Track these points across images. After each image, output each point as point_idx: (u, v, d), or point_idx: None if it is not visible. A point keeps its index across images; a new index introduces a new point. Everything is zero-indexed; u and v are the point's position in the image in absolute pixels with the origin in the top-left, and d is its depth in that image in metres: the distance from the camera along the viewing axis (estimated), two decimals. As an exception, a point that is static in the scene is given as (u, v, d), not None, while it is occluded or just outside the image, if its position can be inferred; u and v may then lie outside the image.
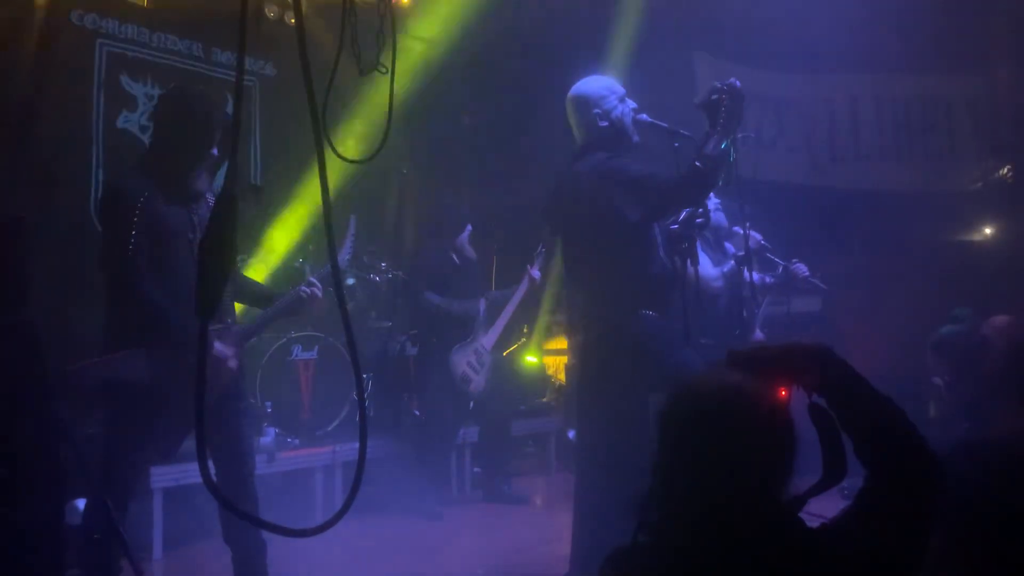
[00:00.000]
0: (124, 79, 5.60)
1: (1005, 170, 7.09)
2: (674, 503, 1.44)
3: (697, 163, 3.19)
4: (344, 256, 3.68)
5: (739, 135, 3.50)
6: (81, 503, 3.34)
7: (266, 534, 3.19)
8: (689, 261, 3.47)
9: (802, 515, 1.45)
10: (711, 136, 3.23)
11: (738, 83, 3.29)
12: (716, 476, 1.39)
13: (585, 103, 3.49)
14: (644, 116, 3.49)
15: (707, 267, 4.31)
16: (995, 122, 7.14)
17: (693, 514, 1.41)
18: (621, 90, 3.53)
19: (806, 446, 1.44)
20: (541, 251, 5.37)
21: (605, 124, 3.46)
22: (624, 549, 1.48)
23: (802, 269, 5.02)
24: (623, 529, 1.49)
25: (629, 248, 3.34)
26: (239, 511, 2.42)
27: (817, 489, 1.46)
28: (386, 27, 1.50)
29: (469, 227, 5.45)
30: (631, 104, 3.51)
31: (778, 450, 1.42)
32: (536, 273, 5.39)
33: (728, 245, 4.69)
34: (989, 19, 6.90)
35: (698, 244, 3.63)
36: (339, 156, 1.39)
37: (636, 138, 3.51)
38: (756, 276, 4.23)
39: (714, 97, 3.27)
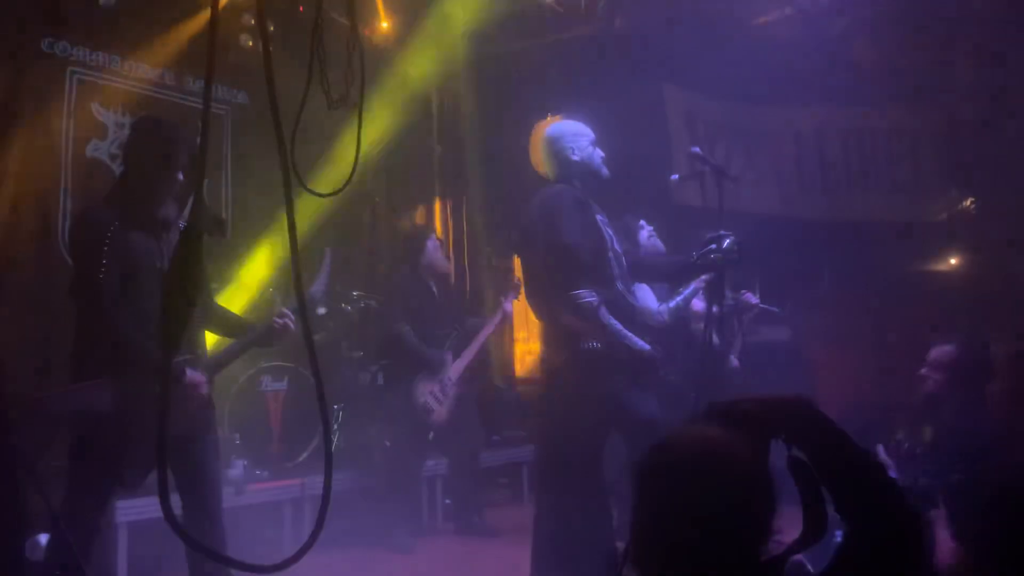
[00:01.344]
0: (95, 107, 5.57)
1: (968, 202, 7.23)
2: (652, 562, 1.42)
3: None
4: (319, 288, 3.68)
5: (727, 178, 3.59)
6: (43, 538, 3.27)
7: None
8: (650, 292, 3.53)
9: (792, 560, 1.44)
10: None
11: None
12: (694, 534, 1.37)
13: (559, 139, 3.60)
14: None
15: (650, 300, 4.34)
16: (959, 155, 7.30)
17: (672, 571, 1.39)
18: (592, 135, 3.65)
19: (786, 501, 1.43)
20: (517, 283, 5.30)
21: (576, 158, 3.57)
22: None
23: (751, 298, 5.14)
24: (578, 556, 1.49)
25: (579, 279, 3.33)
26: (201, 547, 2.39)
27: (798, 546, 1.45)
28: (354, 61, 1.52)
29: (432, 236, 5.41)
30: (600, 153, 3.62)
31: (757, 507, 1.40)
32: (508, 307, 5.37)
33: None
34: (953, 53, 7.07)
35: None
36: (306, 189, 1.40)
37: (605, 172, 3.61)
38: (701, 306, 4.30)
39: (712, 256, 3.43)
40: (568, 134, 3.60)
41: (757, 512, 1.40)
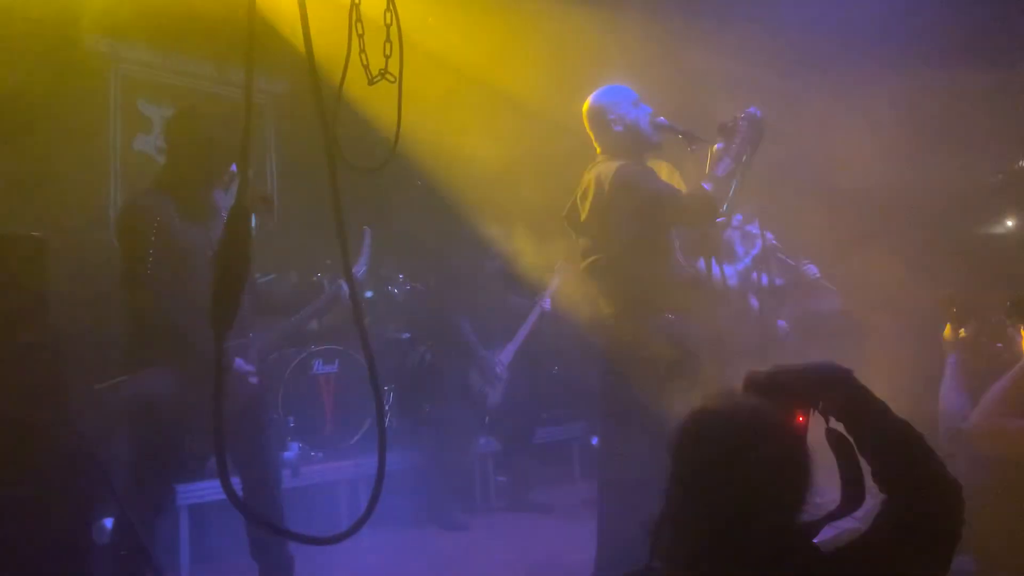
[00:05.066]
0: (140, 102, 5.66)
1: (1026, 161, 7.01)
2: (687, 528, 1.42)
3: (705, 184, 3.22)
4: (360, 269, 3.70)
5: (700, 141, 3.49)
6: (108, 522, 3.36)
7: (293, 548, 3.20)
8: (714, 261, 3.45)
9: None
10: (722, 157, 3.24)
11: (759, 112, 3.29)
12: (729, 501, 1.37)
13: (599, 111, 3.51)
14: (662, 119, 3.50)
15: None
16: (1013, 113, 7.06)
17: (706, 540, 1.39)
18: (634, 95, 3.53)
19: (823, 471, 1.43)
20: (556, 281, 5.26)
21: (620, 129, 3.47)
22: (638, 573, 1.47)
23: (812, 271, 5.01)
24: (644, 535, 1.48)
25: (645, 251, 3.31)
26: (257, 517, 2.44)
27: (834, 516, 1.45)
28: (393, 36, 1.51)
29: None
30: (646, 108, 3.51)
31: (793, 476, 1.41)
32: (547, 305, 5.31)
33: (738, 246, 4.66)
34: (1006, 11, 6.84)
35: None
36: (349, 165, 1.40)
37: (656, 139, 3.50)
38: (764, 279, 4.21)
39: (731, 123, 3.29)
40: (605, 104, 3.49)
41: (792, 482, 1.40)
